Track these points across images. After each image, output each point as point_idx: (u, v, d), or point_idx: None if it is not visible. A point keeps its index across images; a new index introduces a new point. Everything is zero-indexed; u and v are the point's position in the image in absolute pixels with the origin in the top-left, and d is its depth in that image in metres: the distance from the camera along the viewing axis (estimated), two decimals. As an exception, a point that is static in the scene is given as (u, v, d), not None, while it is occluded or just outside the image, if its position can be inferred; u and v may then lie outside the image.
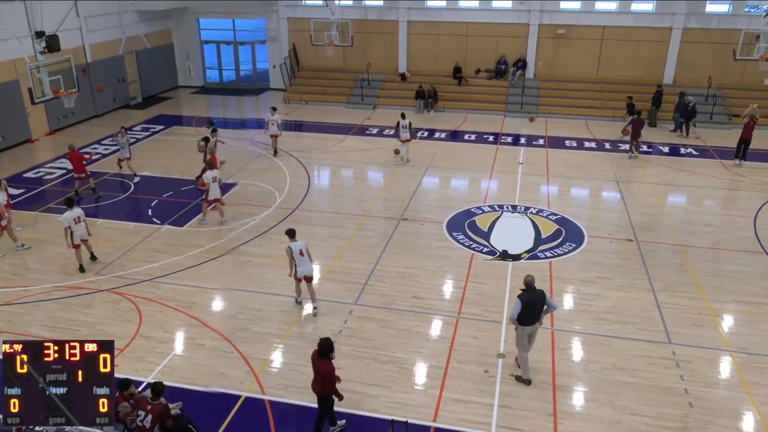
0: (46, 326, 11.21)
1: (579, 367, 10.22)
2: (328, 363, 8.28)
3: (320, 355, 8.26)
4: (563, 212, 16.22)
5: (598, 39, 26.47)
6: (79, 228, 12.95)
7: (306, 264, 11.37)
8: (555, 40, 26.87)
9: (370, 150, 21.35)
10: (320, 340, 8.31)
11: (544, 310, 9.49)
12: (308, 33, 27.25)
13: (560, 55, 27.12)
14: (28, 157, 20.56)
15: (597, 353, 10.53)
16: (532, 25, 26.69)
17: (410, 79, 27.90)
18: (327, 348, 8.23)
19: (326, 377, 8.30)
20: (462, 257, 13.82)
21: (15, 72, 20.83)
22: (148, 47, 27.86)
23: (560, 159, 20.65)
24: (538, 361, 10.23)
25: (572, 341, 10.89)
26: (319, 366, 8.29)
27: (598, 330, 11.16)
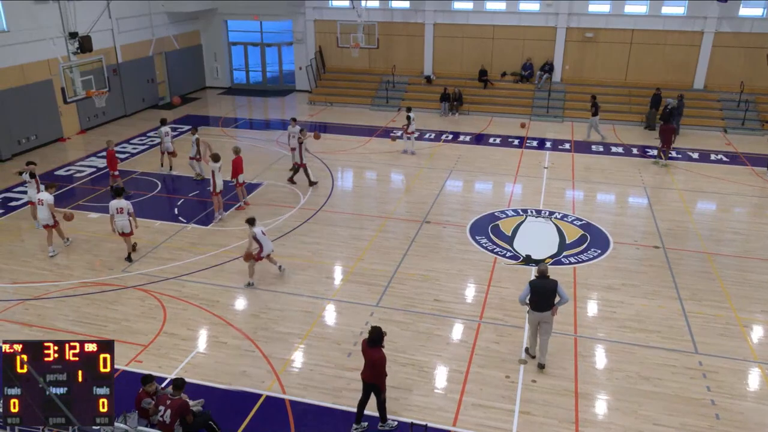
0: (73, 321, 11.44)
1: (602, 374, 10.08)
2: (380, 351, 8.35)
3: (371, 343, 8.35)
4: (588, 218, 16.02)
5: (627, 42, 26.12)
6: (120, 219, 13.31)
7: (269, 243, 12.81)
8: (582, 44, 26.59)
9: (393, 152, 21.37)
10: (371, 329, 8.39)
11: (557, 301, 9.77)
12: (334, 35, 27.40)
13: (588, 59, 26.82)
14: (59, 155, 21.03)
15: (620, 361, 10.37)
16: (559, 29, 26.45)
17: (435, 82, 27.87)
18: (377, 336, 8.31)
19: (377, 365, 8.36)
20: (484, 261, 13.74)
21: (48, 72, 21.33)
22: (177, 48, 28.28)
23: (586, 164, 20.41)
24: (560, 368, 10.13)
25: (595, 348, 10.75)
26: (371, 354, 8.36)
27: (622, 338, 10.99)
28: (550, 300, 9.82)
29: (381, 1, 28.23)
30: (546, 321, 9.93)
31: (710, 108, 25.14)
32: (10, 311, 11.76)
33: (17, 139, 20.74)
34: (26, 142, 21.11)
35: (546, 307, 9.81)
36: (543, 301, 9.80)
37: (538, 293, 9.74)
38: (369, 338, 8.38)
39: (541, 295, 9.76)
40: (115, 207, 13.31)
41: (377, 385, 8.56)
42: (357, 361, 10.26)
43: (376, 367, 8.37)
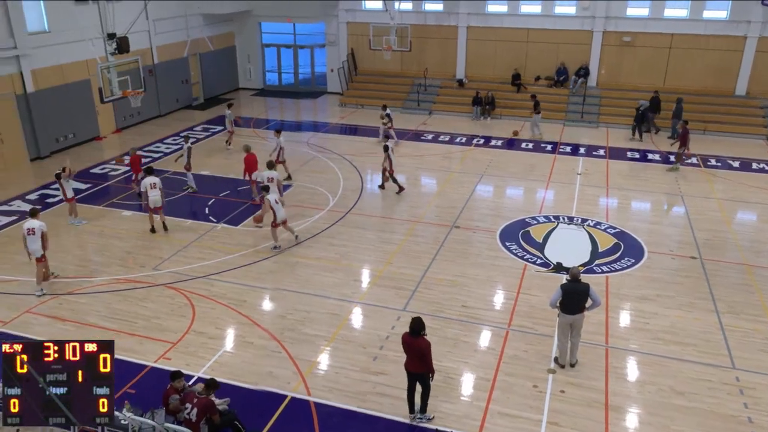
0: (105, 317, 11.71)
1: (634, 387, 9.88)
2: (424, 339, 8.54)
3: (413, 334, 8.54)
4: (622, 226, 15.74)
5: (666, 47, 25.60)
6: (153, 194, 14.68)
7: (281, 210, 13.87)
8: (619, 48, 26.16)
9: (424, 155, 21.34)
10: (412, 320, 8.57)
11: (589, 305, 9.80)
12: (367, 37, 27.51)
13: (624, 63, 26.37)
14: (95, 153, 21.56)
15: (653, 374, 10.15)
16: (596, 32, 26.08)
17: (467, 86, 27.74)
18: (419, 326, 8.50)
19: (425, 353, 8.55)
20: (514, 268, 13.61)
21: (87, 72, 21.91)
22: (211, 50, 28.76)
23: (621, 170, 20.06)
24: (591, 379, 9.97)
25: (627, 360, 10.54)
26: (417, 343, 8.53)
27: (655, 350, 10.76)
28: (581, 303, 9.80)
29: (414, 2, 28.25)
30: (577, 324, 9.91)
31: (752, 115, 24.46)
32: (45, 305, 12.09)
33: (55, 138, 21.34)
34: (64, 141, 21.72)
35: (577, 310, 9.81)
36: (574, 304, 9.77)
37: (569, 296, 9.76)
38: (411, 329, 8.56)
39: (572, 298, 9.75)
40: (148, 183, 14.72)
41: (425, 374, 8.75)
42: (383, 365, 10.28)
43: (424, 355, 8.57)
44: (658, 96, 23.91)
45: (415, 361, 8.70)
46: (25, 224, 12.36)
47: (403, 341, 8.77)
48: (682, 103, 23.18)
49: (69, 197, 15.51)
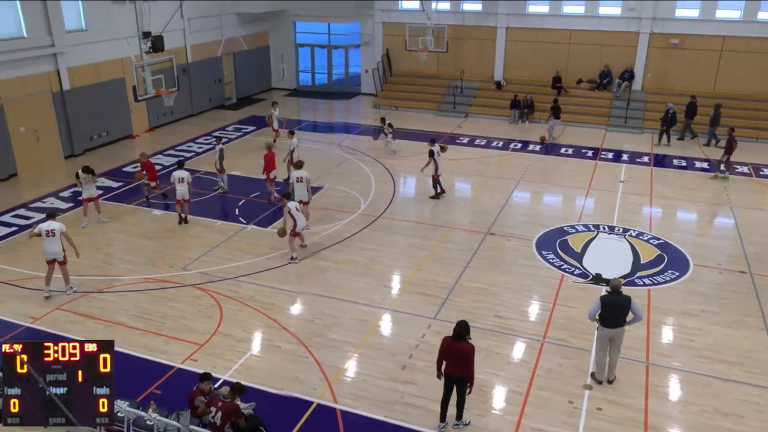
0: (133, 316, 11.97)
1: (675, 407, 9.64)
2: (468, 343, 8.65)
3: (457, 338, 8.62)
4: (666, 237, 15.39)
5: (717, 50, 24.99)
6: (181, 187, 15.63)
7: (302, 219, 13.86)
8: (667, 50, 25.65)
9: (459, 160, 21.25)
10: (457, 324, 8.65)
11: (630, 319, 9.64)
12: (403, 38, 27.58)
13: (672, 67, 25.84)
14: (127, 152, 22.10)
15: (696, 394, 9.89)
16: (642, 34, 25.63)
17: (506, 88, 27.56)
18: (464, 330, 8.62)
19: (469, 357, 8.66)
20: (550, 278, 13.43)
21: (122, 70, 22.51)
22: (245, 49, 29.21)
23: (666, 179, 19.64)
24: (629, 397, 9.77)
25: (669, 378, 10.29)
26: (461, 347, 8.63)
27: (699, 368, 10.48)
28: (622, 317, 9.63)
29: (452, 2, 28.22)
30: (617, 338, 9.73)
31: (810, 122, 23.68)
32: (75, 302, 12.43)
33: (89, 136, 21.95)
34: (97, 138, 22.32)
35: (617, 324, 9.63)
36: (614, 317, 9.61)
37: (609, 309, 9.60)
38: (455, 333, 8.63)
39: (612, 311, 9.59)
40: (177, 177, 15.63)
41: (465, 379, 8.79)
42: (412, 374, 10.25)
43: (468, 360, 8.65)
44: (695, 101, 23.43)
45: (458, 365, 8.76)
46: (43, 225, 12.40)
47: (445, 345, 8.76)
48: (721, 109, 22.64)
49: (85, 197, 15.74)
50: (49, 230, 12.29)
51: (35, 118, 19.97)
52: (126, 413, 8.32)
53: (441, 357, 8.86)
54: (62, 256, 12.45)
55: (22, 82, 19.27)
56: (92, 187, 15.79)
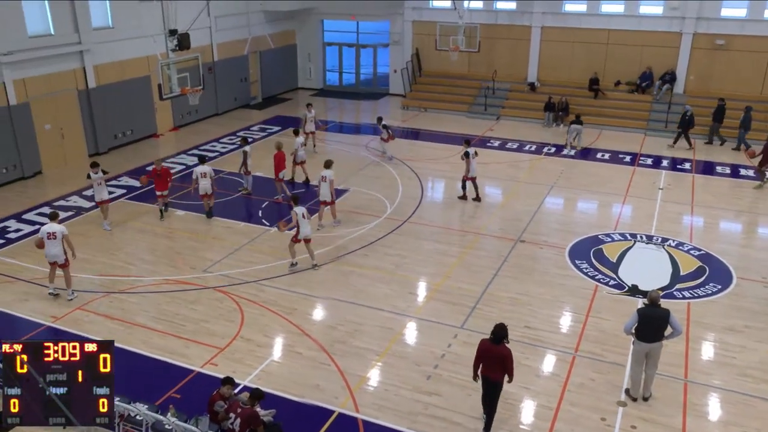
0: (153, 317, 12.15)
1: (715, 427, 9.42)
2: (506, 347, 8.87)
3: (495, 341, 8.82)
4: (708, 248, 15.07)
5: (765, 52, 24.42)
6: (204, 182, 16.24)
7: (308, 226, 13.63)
8: (711, 52, 25.16)
9: (489, 163, 21.13)
10: (495, 327, 8.85)
11: (668, 333, 9.48)
12: (433, 37, 27.56)
13: (717, 69, 25.33)
14: (152, 151, 22.48)
15: (738, 414, 9.64)
16: (685, 34, 25.19)
17: (540, 90, 27.34)
18: (503, 333, 8.81)
19: (507, 362, 8.86)
20: (584, 288, 13.25)
21: (147, 68, 22.93)
22: (271, 48, 29.52)
23: (709, 186, 19.25)
24: (666, 416, 9.57)
25: (709, 397, 10.06)
26: (499, 351, 8.83)
27: (741, 388, 10.22)
28: (660, 331, 9.47)
29: (485, 1, 28.12)
30: (654, 353, 9.57)
31: None
32: (96, 302, 12.66)
33: (114, 134, 22.39)
34: (122, 137, 22.75)
35: (655, 338, 9.48)
36: (652, 331, 9.45)
37: (646, 323, 9.45)
38: (493, 336, 8.81)
39: (650, 324, 9.44)
40: (199, 172, 16.27)
41: (501, 383, 9.01)
42: (437, 385, 10.20)
43: (505, 363, 8.86)
44: (724, 104, 23.17)
45: (497, 368, 8.94)
46: (44, 228, 12.45)
47: (483, 348, 8.96)
48: (752, 112, 22.34)
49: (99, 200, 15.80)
50: (50, 233, 12.35)
51: (61, 116, 20.46)
52: (145, 417, 8.44)
53: (478, 360, 9.05)
54: (63, 259, 12.52)
55: (48, 80, 19.76)
56: (104, 189, 15.76)
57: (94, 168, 15.53)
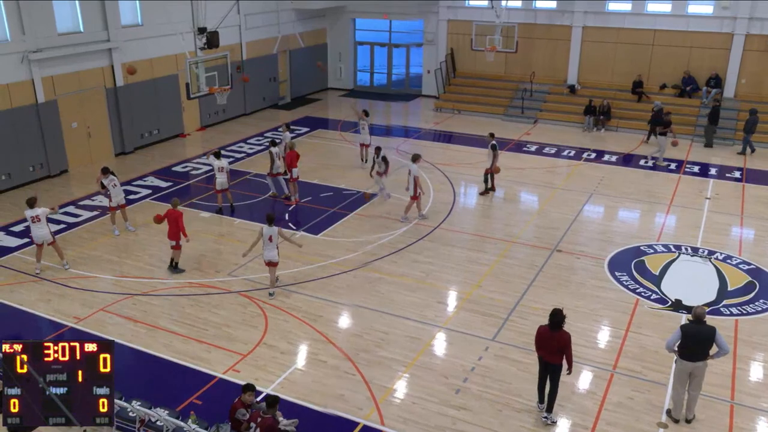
0: (176, 321, 12.31)
1: (764, 454, 9.15)
2: (566, 332, 9.24)
3: (554, 327, 9.18)
4: (759, 262, 14.68)
5: (824, 54, 23.77)
6: (221, 176, 16.81)
7: (272, 250, 12.89)
8: (765, 54, 24.56)
9: (525, 169, 20.95)
10: (553, 312, 9.21)
11: (714, 352, 9.29)
12: (468, 37, 27.48)
13: (771, 72, 24.74)
14: (178, 150, 22.86)
15: (790, 441, 9.35)
16: (737, 35, 24.66)
17: (580, 92, 27.04)
18: (561, 319, 9.17)
19: (567, 347, 9.23)
20: (624, 302, 13.02)
21: (176, 66, 23.33)
22: (301, 47, 29.80)
23: (761, 197, 18.76)
24: (710, 439, 9.33)
25: (757, 421, 9.78)
26: (559, 336, 9.20)
27: (793, 412, 9.92)
28: (705, 349, 9.27)
29: (524, 1, 27.94)
30: (698, 373, 9.36)
31: None
32: (119, 304, 12.89)
33: (140, 133, 22.82)
34: (149, 136, 23.18)
35: (699, 357, 9.29)
36: (696, 349, 9.27)
37: (691, 340, 9.26)
38: (552, 322, 9.18)
39: (694, 342, 9.25)
40: (217, 166, 16.81)
41: (559, 366, 9.33)
42: (465, 399, 10.12)
43: (565, 348, 9.22)
44: (719, 105, 23.37)
45: (554, 355, 9.29)
46: (27, 213, 13.64)
47: (541, 335, 9.34)
48: (757, 114, 22.12)
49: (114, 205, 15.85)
50: (33, 216, 13.58)
51: (88, 114, 20.95)
52: (165, 423, 8.54)
53: (538, 344, 9.45)
54: (50, 237, 13.85)
55: (77, 78, 20.25)
56: (121, 191, 15.92)
57: (105, 174, 15.67)
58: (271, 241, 12.83)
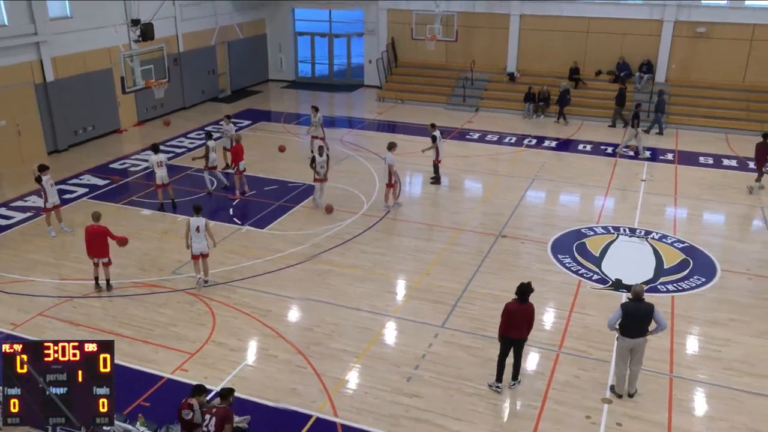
0: (120, 323, 11.98)
1: (701, 423, 9.60)
2: (531, 304, 9.76)
3: (522, 300, 9.63)
4: (692, 240, 15.34)
5: (747, 39, 24.89)
6: (161, 171, 16.41)
7: (201, 242, 12.78)
8: (693, 40, 25.57)
9: (469, 157, 21.23)
10: (521, 285, 9.66)
11: (653, 328, 9.64)
12: (409, 26, 27.57)
13: (698, 57, 25.76)
14: (115, 147, 22.16)
15: (725, 409, 9.84)
16: (666, 22, 25.57)
17: (519, 80, 27.52)
18: (530, 290, 9.65)
19: (533, 317, 9.83)
20: (567, 284, 13.40)
21: (109, 60, 22.56)
22: (240, 38, 29.27)
23: (692, 178, 19.58)
24: (651, 412, 9.73)
25: (695, 393, 10.25)
26: (527, 309, 9.71)
27: (727, 382, 10.43)
28: (644, 326, 9.63)
29: (462, -10, 28.20)
30: (639, 349, 9.73)
31: None
32: (59, 308, 12.46)
33: (74, 130, 22.01)
34: (83, 133, 22.38)
35: (639, 334, 9.64)
36: (636, 326, 9.61)
37: (631, 318, 9.59)
38: (521, 295, 9.62)
39: (634, 320, 9.59)
40: (155, 161, 16.39)
41: (523, 340, 9.92)
42: (417, 386, 10.24)
43: (532, 320, 9.80)
44: (625, 88, 24.63)
45: (520, 328, 9.73)
46: None
47: (510, 310, 9.68)
48: (665, 96, 23.25)
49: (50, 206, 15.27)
50: None
51: (17, 112, 20.03)
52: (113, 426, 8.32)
53: (507, 322, 9.74)
54: None
55: (3, 73, 19.32)
56: (56, 191, 15.39)
57: (43, 171, 14.95)
58: (198, 232, 12.77)
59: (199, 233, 12.75)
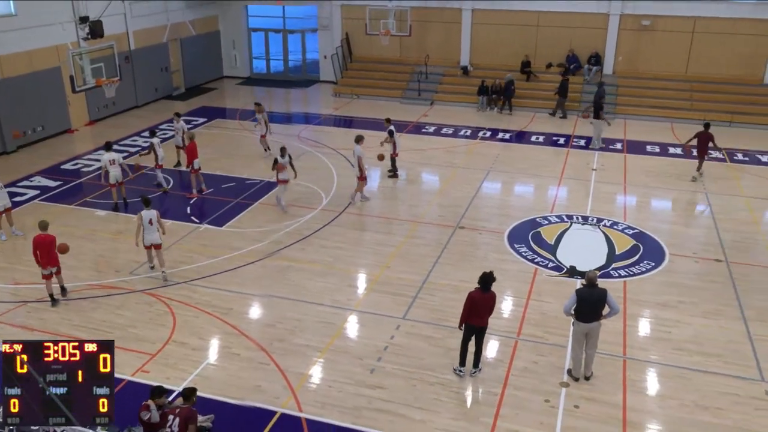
0: (77, 326, 11.69)
1: (654, 402, 9.91)
2: (493, 292, 9.93)
3: (486, 289, 9.77)
4: (641, 226, 15.77)
5: (689, 32, 25.65)
6: (114, 169, 16.13)
7: (154, 233, 12.94)
8: (638, 33, 26.21)
9: (425, 150, 21.36)
10: (483, 275, 9.79)
11: (606, 312, 9.92)
12: (363, 21, 27.52)
13: (644, 50, 26.42)
14: (66, 147, 21.54)
15: (675, 388, 10.17)
16: (612, 15, 26.13)
17: (473, 74, 27.77)
18: (492, 279, 9.81)
19: (494, 305, 10.01)
20: (524, 272, 13.63)
21: (57, 59, 21.86)
22: (193, 35, 28.73)
23: (640, 166, 20.10)
24: (607, 393, 9.99)
25: (647, 373, 10.57)
26: (490, 298, 9.87)
27: (677, 362, 10.78)
28: (598, 310, 9.86)
29: (414, -16, 28.26)
30: (593, 333, 9.96)
31: (783, 106, 24.55)
32: (12, 313, 12.08)
33: (23, 130, 21.29)
34: (32, 134, 21.66)
35: (593, 318, 9.87)
36: (590, 311, 9.84)
37: (585, 303, 9.83)
38: (484, 284, 9.76)
39: (588, 304, 9.83)
40: (107, 159, 16.12)
41: (485, 328, 10.11)
42: (380, 378, 10.29)
43: (493, 308, 9.99)
44: (568, 80, 25.16)
45: (483, 316, 9.91)
46: None
47: (474, 299, 9.78)
48: (605, 87, 23.67)
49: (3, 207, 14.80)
50: None
51: (-39, 113, 19.29)
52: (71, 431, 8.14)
53: (470, 310, 9.84)
54: None
55: (-55, 73, 18.60)
56: (6, 194, 14.91)
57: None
58: (151, 224, 12.89)
59: (152, 225, 12.90)
